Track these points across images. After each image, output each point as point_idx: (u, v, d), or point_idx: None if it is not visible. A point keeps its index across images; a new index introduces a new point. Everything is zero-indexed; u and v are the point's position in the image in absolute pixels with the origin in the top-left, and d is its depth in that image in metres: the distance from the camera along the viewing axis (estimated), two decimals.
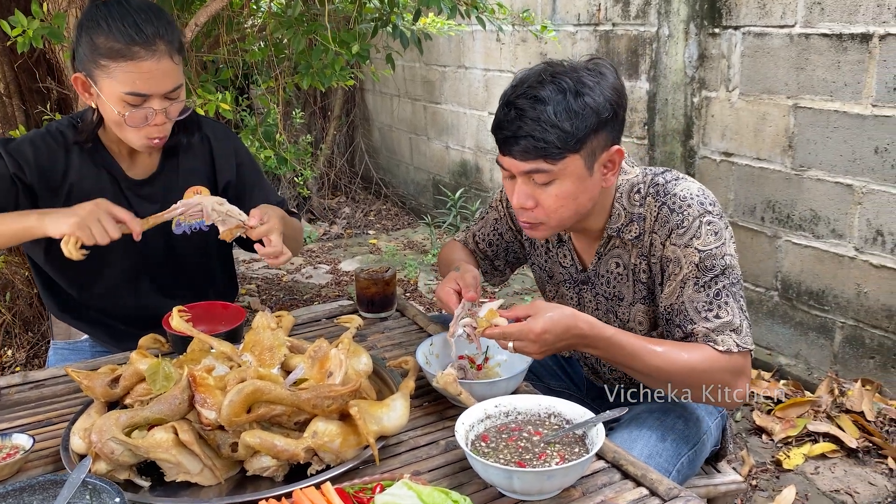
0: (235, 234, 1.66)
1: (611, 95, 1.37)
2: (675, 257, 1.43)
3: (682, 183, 1.47)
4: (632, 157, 1.59)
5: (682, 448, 1.49)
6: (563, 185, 1.39)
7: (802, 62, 2.80)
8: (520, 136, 1.35)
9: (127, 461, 1.16)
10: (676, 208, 1.44)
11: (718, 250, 1.41)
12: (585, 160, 1.38)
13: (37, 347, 3.13)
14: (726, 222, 1.45)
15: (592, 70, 1.38)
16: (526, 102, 1.35)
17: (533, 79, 1.38)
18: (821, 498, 2.33)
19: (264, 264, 4.71)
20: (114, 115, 1.58)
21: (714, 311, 1.39)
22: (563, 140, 1.34)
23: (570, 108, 1.33)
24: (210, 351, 1.43)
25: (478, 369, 1.55)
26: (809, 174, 2.86)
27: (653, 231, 1.47)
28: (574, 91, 1.34)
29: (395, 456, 1.27)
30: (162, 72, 1.56)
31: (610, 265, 1.56)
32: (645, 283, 1.53)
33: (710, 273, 1.40)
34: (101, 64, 1.54)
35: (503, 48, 4.54)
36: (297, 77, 2.71)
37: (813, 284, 2.93)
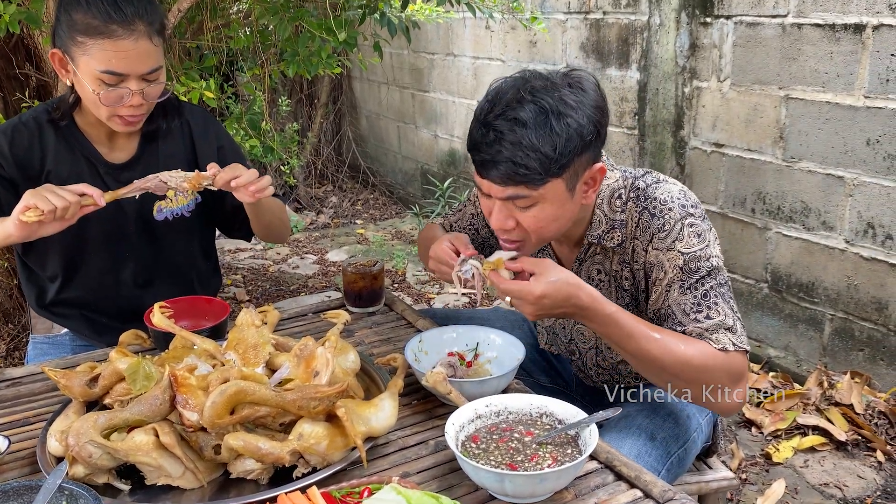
0: (202, 184, 1.60)
1: (593, 114, 1.29)
2: (659, 262, 1.39)
3: (663, 186, 1.43)
4: (621, 153, 1.55)
5: (671, 447, 1.46)
6: (543, 209, 1.33)
7: (795, 53, 2.77)
8: (499, 161, 1.27)
9: (105, 465, 1.12)
10: (657, 213, 1.40)
11: (703, 252, 1.37)
12: (567, 182, 1.32)
13: (17, 339, 3.07)
14: (709, 224, 1.41)
15: (574, 86, 1.30)
16: (504, 124, 1.26)
17: (511, 96, 1.28)
18: (810, 491, 2.33)
19: (250, 254, 4.65)
20: (90, 94, 1.55)
21: (704, 311, 1.35)
22: (545, 165, 1.26)
23: (553, 130, 1.25)
24: (193, 348, 1.39)
25: (468, 366, 1.52)
26: (800, 166, 2.84)
27: (634, 237, 1.43)
28: (556, 111, 1.26)
29: (384, 457, 1.24)
30: (139, 52, 1.53)
31: (591, 272, 1.52)
32: (628, 290, 1.49)
33: (696, 275, 1.36)
34: (79, 41, 1.51)
35: (493, 36, 4.49)
36: (283, 64, 2.65)
37: (803, 276, 2.92)
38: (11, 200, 1.63)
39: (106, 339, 1.80)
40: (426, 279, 4.21)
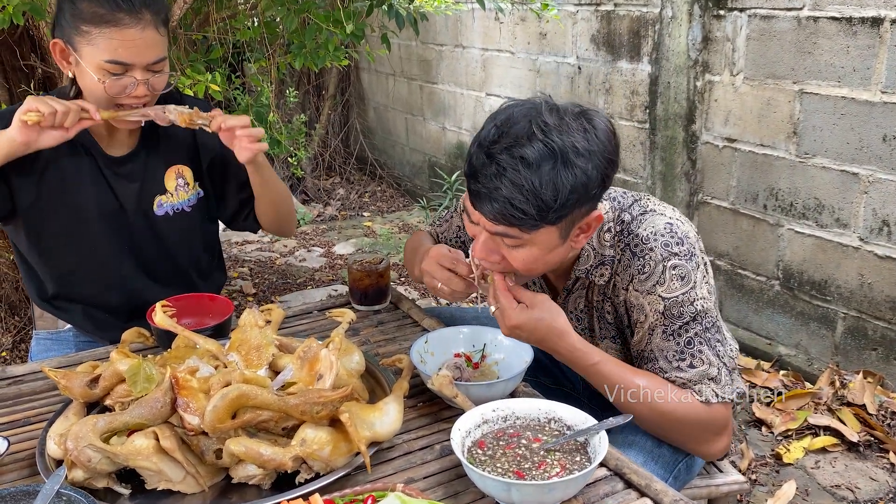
0: (196, 121, 1.59)
1: (603, 165, 1.21)
2: (639, 304, 1.35)
3: (649, 219, 1.35)
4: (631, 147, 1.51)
5: (678, 453, 1.43)
6: (530, 251, 1.27)
7: (810, 46, 2.72)
8: (496, 198, 1.19)
9: (105, 469, 1.10)
10: (638, 252, 1.34)
11: (686, 296, 1.31)
12: (561, 231, 1.26)
13: (24, 332, 3.06)
14: (698, 260, 1.33)
15: (588, 130, 1.21)
16: (509, 160, 1.18)
17: (521, 129, 1.19)
18: (821, 493, 2.29)
19: (257, 247, 4.64)
20: (92, 85, 1.53)
21: (687, 360, 1.31)
22: (542, 213, 1.19)
23: (558, 179, 1.17)
24: (195, 348, 1.37)
25: (474, 367, 1.49)
26: (814, 162, 2.79)
27: (615, 273, 1.38)
28: (565, 158, 1.17)
29: (388, 462, 1.22)
30: (146, 42, 1.51)
31: (578, 304, 1.49)
32: (612, 322, 1.46)
33: (679, 321, 1.31)
34: (83, 30, 1.49)
35: (502, 27, 4.44)
36: (290, 56, 2.62)
37: (815, 274, 2.88)
38: (3, 189, 1.60)
39: (108, 334, 1.78)
40: None
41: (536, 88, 4.25)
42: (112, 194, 1.70)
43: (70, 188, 1.66)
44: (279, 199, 1.82)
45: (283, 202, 1.85)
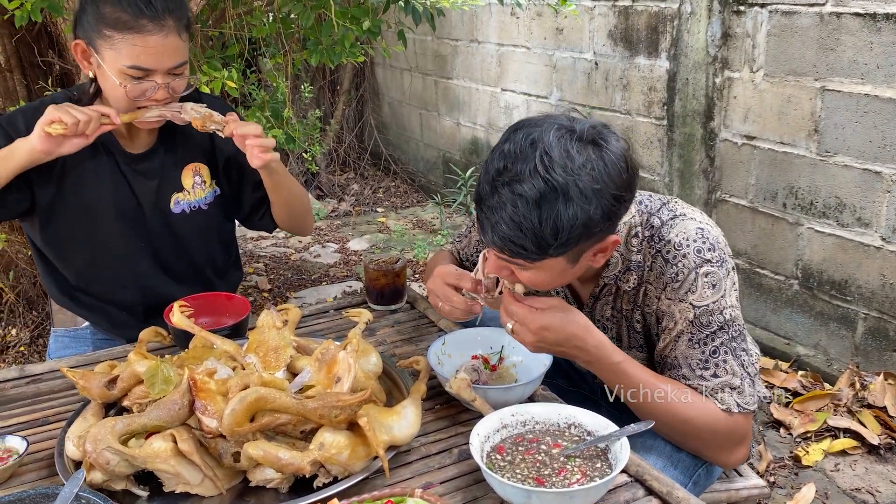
0: (209, 126, 1.60)
1: (609, 205, 1.16)
2: (670, 311, 1.33)
3: (679, 225, 1.33)
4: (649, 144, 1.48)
5: (698, 458, 1.41)
6: (540, 275, 1.25)
7: (832, 43, 2.68)
8: (496, 232, 1.18)
9: (123, 471, 1.10)
10: (671, 258, 1.31)
11: (716, 305, 1.29)
12: (569, 259, 1.22)
13: (41, 328, 3.08)
14: (728, 267, 1.32)
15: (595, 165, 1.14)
16: (509, 197, 1.14)
17: (523, 163, 1.14)
18: (841, 496, 2.27)
19: (272, 242, 4.64)
20: (113, 87, 1.54)
21: (711, 369, 1.30)
22: (542, 248, 1.16)
23: (558, 219, 1.13)
24: (213, 348, 1.36)
25: (492, 370, 1.48)
26: (836, 160, 2.75)
27: (648, 281, 1.36)
28: (567, 197, 1.12)
29: (406, 465, 1.21)
30: (168, 48, 1.51)
31: (605, 311, 1.46)
32: (640, 332, 1.44)
33: (707, 329, 1.30)
34: (106, 34, 1.49)
35: (518, 22, 4.41)
36: (306, 53, 2.61)
37: (835, 274, 2.84)
38: (20, 184, 1.60)
39: (125, 332, 1.79)
40: None
41: (553, 84, 4.22)
42: (130, 191, 1.70)
43: (89, 185, 1.66)
44: (293, 201, 1.82)
45: (298, 203, 1.84)
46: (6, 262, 3.02)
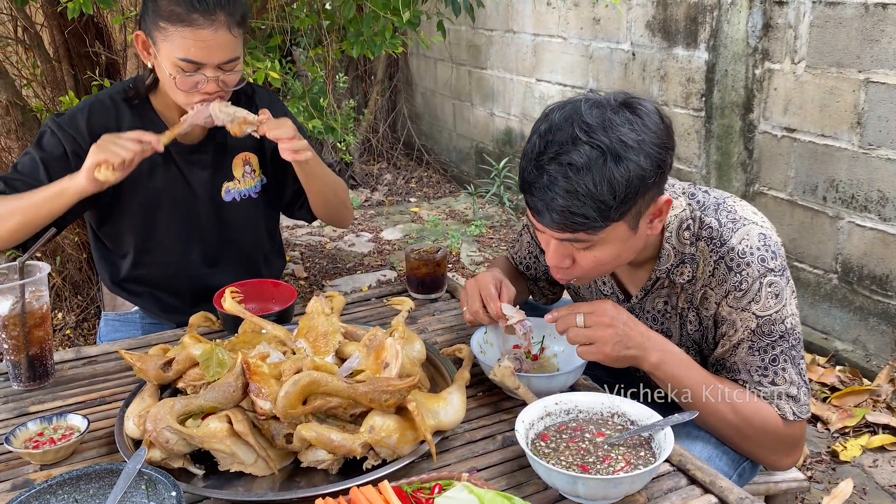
0: (245, 129, 1.61)
1: (656, 153, 1.18)
2: (731, 319, 1.32)
3: (741, 230, 1.31)
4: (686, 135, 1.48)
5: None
6: (604, 249, 1.25)
7: (877, 34, 2.64)
8: (553, 209, 1.18)
9: (181, 450, 1.14)
10: (735, 266, 1.30)
11: (778, 314, 1.29)
12: (630, 223, 1.23)
13: (86, 311, 3.17)
14: (788, 275, 1.32)
15: (633, 121, 1.18)
16: (558, 170, 1.16)
17: (564, 135, 1.17)
18: (879, 493, 2.25)
19: (308, 231, 4.70)
20: (168, 78, 1.58)
21: (770, 376, 1.31)
22: (604, 213, 1.17)
23: (612, 177, 1.15)
24: (262, 332, 1.40)
25: (533, 359, 1.50)
26: (879, 153, 2.71)
27: (708, 286, 1.35)
28: (615, 154, 1.15)
29: (451, 451, 1.24)
30: (218, 42, 1.54)
31: (657, 304, 1.45)
32: (691, 333, 1.43)
33: (768, 339, 1.30)
34: (161, 26, 1.54)
35: (554, 12, 4.40)
36: (346, 44, 2.64)
37: (876, 268, 2.81)
38: None
39: (174, 318, 1.84)
40: (480, 260, 4.20)
41: (588, 75, 4.20)
42: (185, 181, 1.75)
43: (146, 179, 1.71)
44: (328, 192, 1.84)
45: (333, 195, 1.86)
46: (53, 248, 3.11)
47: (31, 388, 1.45)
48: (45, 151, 1.64)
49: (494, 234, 4.60)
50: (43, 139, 1.66)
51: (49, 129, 1.66)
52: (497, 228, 4.72)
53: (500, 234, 4.60)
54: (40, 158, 1.63)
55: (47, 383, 1.46)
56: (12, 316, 1.40)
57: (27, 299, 1.40)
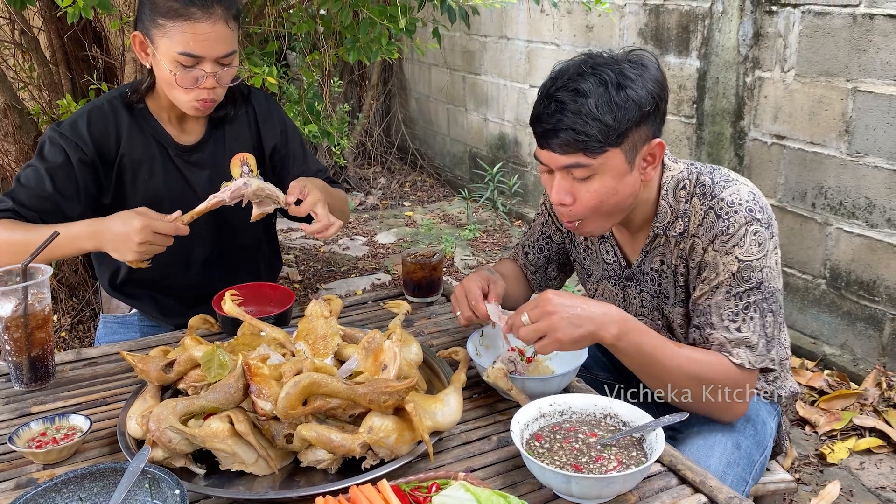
0: (265, 213, 1.64)
1: (653, 88, 1.34)
2: (714, 263, 1.40)
3: (733, 186, 1.42)
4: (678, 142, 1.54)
5: (755, 454, 1.46)
6: (602, 181, 1.36)
7: (865, 44, 2.69)
8: (560, 129, 1.32)
9: (184, 449, 1.17)
10: (723, 214, 1.39)
11: (758, 262, 1.37)
12: (626, 154, 1.35)
13: (82, 314, 3.18)
14: (774, 231, 1.40)
15: (634, 62, 1.35)
16: (567, 95, 1.32)
17: (573, 70, 1.34)
18: (866, 494, 2.29)
19: (302, 234, 4.72)
20: (167, 76, 1.61)
21: (737, 323, 1.38)
22: (605, 133, 1.30)
23: (612, 100, 1.30)
24: (261, 335, 1.43)
25: (528, 362, 1.53)
26: (866, 161, 2.76)
27: (696, 235, 1.43)
28: (616, 83, 1.31)
29: (447, 451, 1.26)
30: (216, 35, 1.58)
31: (654, 263, 1.53)
32: (682, 285, 1.50)
33: (745, 284, 1.38)
34: (159, 23, 1.57)
35: (547, 19, 4.44)
36: (342, 50, 2.67)
37: (864, 274, 2.85)
38: (90, 183, 1.69)
39: (172, 320, 1.86)
40: (474, 264, 4.23)
41: None
42: (184, 181, 1.77)
43: (145, 179, 1.74)
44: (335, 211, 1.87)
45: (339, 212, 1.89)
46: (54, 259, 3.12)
47: (32, 388, 1.47)
48: (48, 161, 1.66)
49: (488, 239, 4.64)
50: (44, 149, 1.67)
51: (49, 139, 1.68)
52: (491, 233, 4.75)
53: (494, 239, 4.64)
54: (45, 169, 1.64)
55: (48, 384, 1.48)
56: (15, 318, 1.41)
57: (29, 301, 1.42)
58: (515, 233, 4.75)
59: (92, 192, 1.70)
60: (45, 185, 1.63)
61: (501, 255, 4.38)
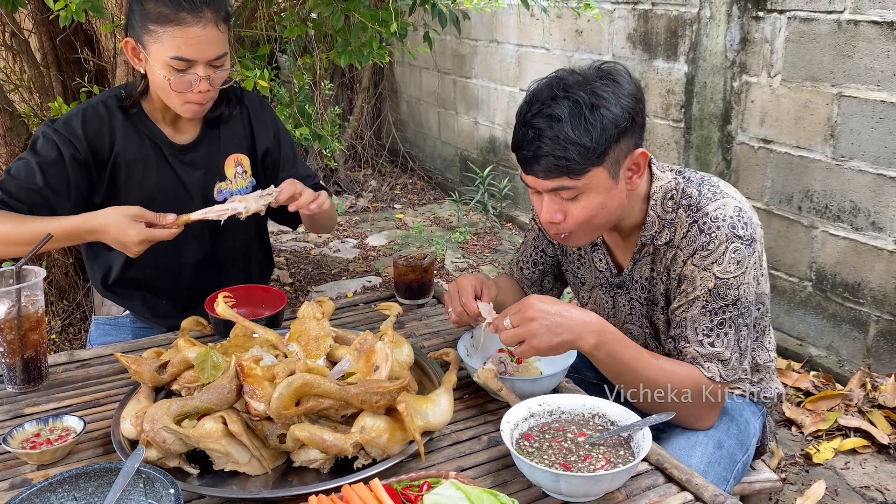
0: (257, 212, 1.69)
1: (627, 103, 1.34)
2: (692, 277, 1.43)
3: (720, 200, 1.43)
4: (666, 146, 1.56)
5: (737, 453, 1.49)
6: (589, 198, 1.37)
7: (849, 49, 2.73)
8: (540, 156, 1.33)
9: (177, 450, 1.18)
10: (706, 228, 1.41)
11: (735, 280, 1.40)
12: (609, 170, 1.36)
13: (72, 316, 3.18)
14: (756, 247, 1.42)
15: (606, 78, 1.35)
16: (542, 121, 1.33)
17: (545, 94, 1.35)
18: (850, 494, 2.33)
19: (293, 237, 4.73)
20: (160, 80, 1.62)
21: (711, 338, 1.41)
22: (584, 155, 1.31)
23: (588, 122, 1.31)
24: (254, 336, 1.44)
25: (517, 363, 1.55)
26: (851, 165, 2.80)
27: (679, 246, 1.46)
28: (589, 105, 1.31)
29: (438, 451, 1.28)
30: (207, 39, 1.59)
31: (644, 270, 1.55)
32: (663, 293, 1.53)
33: (721, 301, 1.41)
34: (150, 29, 1.58)
35: (537, 24, 4.47)
36: (333, 53, 2.68)
37: (848, 276, 2.89)
38: (81, 181, 1.70)
39: (164, 322, 1.87)
40: (464, 266, 4.25)
41: None
42: (178, 181, 1.79)
43: (139, 177, 1.75)
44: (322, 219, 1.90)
45: (327, 218, 1.92)
46: (39, 253, 3.12)
47: (25, 390, 1.47)
48: (41, 155, 1.67)
49: (478, 241, 4.66)
50: (37, 144, 1.69)
51: (43, 134, 1.69)
52: (481, 235, 4.77)
53: (484, 241, 4.66)
54: (36, 163, 1.65)
55: (41, 386, 1.49)
56: (8, 319, 1.42)
57: (23, 303, 1.43)
58: (506, 235, 4.78)
59: (83, 189, 1.71)
60: (36, 178, 1.64)
61: (491, 258, 4.40)
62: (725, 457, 1.46)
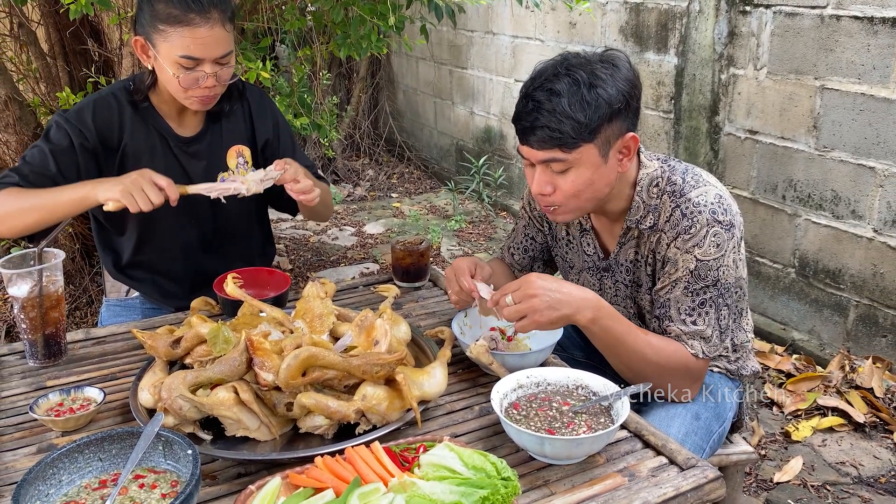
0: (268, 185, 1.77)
1: (623, 87, 1.43)
2: (675, 259, 1.53)
3: (702, 188, 1.52)
4: (656, 136, 1.65)
5: (713, 425, 1.59)
6: (578, 173, 1.46)
7: (832, 44, 2.82)
8: (536, 127, 1.42)
9: (193, 417, 1.28)
10: (688, 213, 1.51)
11: (715, 262, 1.49)
12: (600, 148, 1.45)
13: (79, 300, 3.27)
14: (735, 233, 1.51)
15: (606, 62, 1.44)
16: (542, 95, 1.42)
17: (549, 72, 1.44)
18: (826, 469, 2.44)
19: (292, 224, 4.82)
20: (169, 76, 1.71)
21: (693, 317, 1.51)
22: (577, 130, 1.40)
23: (584, 99, 1.39)
24: (260, 315, 1.54)
25: (508, 340, 1.65)
26: (833, 155, 2.90)
27: (663, 230, 1.55)
28: (588, 83, 1.40)
29: (434, 419, 1.38)
30: (214, 38, 1.68)
31: (629, 254, 1.64)
32: (650, 275, 1.62)
33: (702, 282, 1.50)
34: (160, 28, 1.66)
35: (532, 16, 4.55)
36: (333, 45, 2.77)
37: (830, 263, 3.00)
38: (91, 168, 1.79)
39: (173, 303, 1.97)
40: (460, 253, 4.34)
41: None
42: (183, 171, 1.88)
43: (145, 165, 1.83)
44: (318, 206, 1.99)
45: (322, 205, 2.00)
46: None
47: (46, 364, 1.57)
48: (53, 143, 1.76)
49: (474, 229, 4.75)
50: (50, 132, 1.78)
51: (56, 123, 1.78)
52: (476, 223, 4.87)
53: (480, 229, 4.75)
54: (49, 150, 1.74)
55: (61, 361, 1.59)
56: (30, 298, 1.52)
57: (44, 283, 1.52)
58: (500, 224, 4.87)
59: (92, 176, 1.80)
60: (49, 164, 1.73)
61: (486, 245, 4.50)
62: (702, 427, 1.57)
